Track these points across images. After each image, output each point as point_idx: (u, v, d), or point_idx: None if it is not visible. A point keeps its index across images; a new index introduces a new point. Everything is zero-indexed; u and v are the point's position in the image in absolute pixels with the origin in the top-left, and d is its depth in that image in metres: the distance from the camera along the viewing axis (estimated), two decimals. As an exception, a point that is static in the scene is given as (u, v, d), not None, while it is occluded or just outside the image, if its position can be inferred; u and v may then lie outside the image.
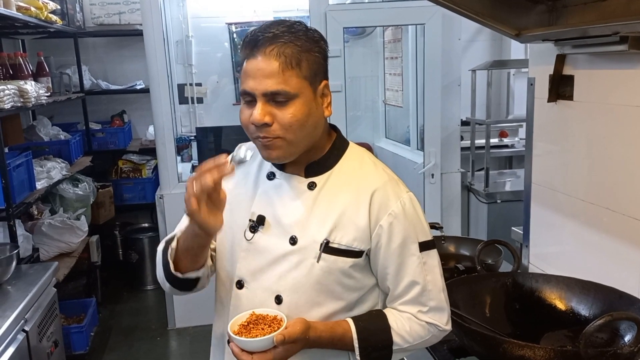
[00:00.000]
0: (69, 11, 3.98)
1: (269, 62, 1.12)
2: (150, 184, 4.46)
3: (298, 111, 1.15)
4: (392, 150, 4.35)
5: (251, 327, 1.15)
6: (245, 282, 1.26)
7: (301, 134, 1.17)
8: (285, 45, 1.13)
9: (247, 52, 1.16)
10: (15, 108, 2.81)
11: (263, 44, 1.13)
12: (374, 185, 1.22)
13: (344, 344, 1.20)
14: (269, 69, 1.12)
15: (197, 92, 4.42)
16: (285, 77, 1.13)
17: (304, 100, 1.16)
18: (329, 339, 1.19)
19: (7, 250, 2.46)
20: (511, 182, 3.99)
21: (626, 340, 1.32)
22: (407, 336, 1.23)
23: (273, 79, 1.12)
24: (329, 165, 1.25)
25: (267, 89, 1.13)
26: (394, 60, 4.17)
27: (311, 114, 1.18)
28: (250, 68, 1.14)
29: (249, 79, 1.14)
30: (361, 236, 1.21)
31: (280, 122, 1.15)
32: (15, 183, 2.76)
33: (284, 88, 1.13)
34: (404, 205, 1.21)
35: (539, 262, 1.98)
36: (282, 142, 1.17)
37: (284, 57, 1.12)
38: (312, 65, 1.17)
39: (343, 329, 1.20)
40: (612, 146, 1.57)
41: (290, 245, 1.21)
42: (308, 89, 1.17)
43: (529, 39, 1.72)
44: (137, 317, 4.03)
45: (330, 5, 3.51)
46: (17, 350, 2.06)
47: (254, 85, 1.13)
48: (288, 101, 1.14)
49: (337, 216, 1.21)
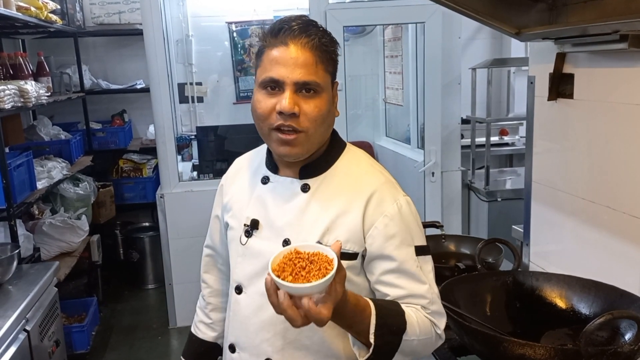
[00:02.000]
0: (69, 11, 3.98)
1: (304, 52, 1.12)
2: (151, 183, 4.47)
3: (323, 105, 1.15)
4: (393, 148, 4.35)
5: (297, 270, 0.97)
6: (243, 287, 1.26)
7: (320, 129, 1.17)
8: (317, 39, 1.13)
9: (276, 40, 1.14)
10: (16, 108, 2.81)
11: (299, 33, 1.12)
12: (371, 187, 1.20)
13: (362, 319, 1.09)
14: (303, 58, 1.11)
15: (198, 91, 4.42)
16: (317, 69, 1.13)
17: (327, 96, 1.17)
18: (353, 308, 1.07)
19: (8, 250, 2.46)
20: (512, 180, 3.99)
21: (627, 339, 1.32)
22: (416, 326, 1.15)
23: (306, 69, 1.12)
24: (324, 167, 1.23)
25: (300, 79, 1.11)
26: (394, 58, 4.17)
27: (330, 111, 1.18)
28: (281, 56, 1.12)
29: (279, 67, 1.12)
30: (354, 238, 1.18)
31: (305, 114, 1.13)
32: (16, 183, 2.77)
33: (316, 79, 1.13)
34: (400, 207, 1.19)
35: (540, 260, 1.98)
36: (304, 138, 1.15)
37: (318, 51, 1.13)
38: (334, 64, 1.19)
39: (365, 301, 1.11)
40: (612, 144, 1.57)
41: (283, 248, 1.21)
42: (330, 86, 1.18)
43: (529, 37, 1.72)
44: (138, 316, 4.04)
45: (330, 4, 3.51)
46: (18, 349, 2.06)
47: (285, 73, 1.11)
48: (315, 94, 1.14)
49: (331, 218, 1.18)
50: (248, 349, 1.26)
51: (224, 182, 1.41)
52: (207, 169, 3.86)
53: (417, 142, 4.04)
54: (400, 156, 4.15)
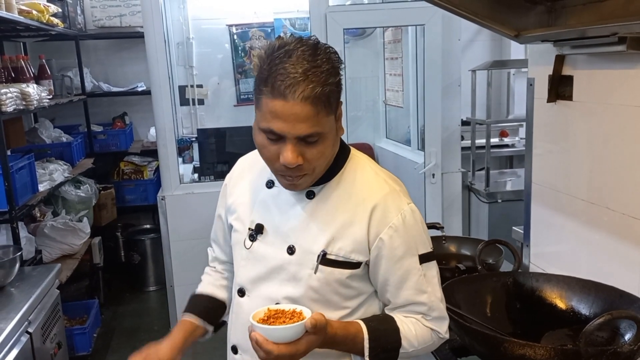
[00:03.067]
0: (70, 14, 3.99)
1: (303, 107, 1.06)
2: (152, 185, 4.47)
3: (326, 148, 1.14)
4: (393, 150, 4.36)
5: (272, 320, 1.11)
6: (246, 290, 1.27)
7: (325, 164, 1.18)
8: (316, 86, 1.06)
9: (273, 90, 1.07)
10: (18, 111, 2.82)
11: (295, 87, 1.05)
12: (375, 197, 1.20)
13: (355, 343, 1.18)
14: (303, 114, 1.06)
15: (198, 93, 4.43)
16: (318, 119, 1.09)
17: (330, 135, 1.15)
18: (343, 337, 1.17)
19: (11, 253, 2.47)
20: (512, 181, 3.99)
21: (626, 339, 1.33)
22: (413, 340, 1.22)
23: (307, 123, 1.08)
24: (329, 175, 1.23)
25: (302, 133, 1.08)
26: (394, 60, 4.18)
27: (334, 143, 1.18)
28: (280, 110, 1.07)
29: (278, 121, 1.08)
30: (360, 248, 1.20)
31: (308, 160, 1.13)
32: (18, 185, 2.77)
33: (317, 130, 1.10)
34: (404, 217, 1.20)
35: (540, 261, 1.98)
36: (309, 177, 1.16)
37: (317, 100, 1.07)
38: (336, 95, 1.13)
39: (355, 328, 1.19)
40: (612, 146, 1.58)
41: (287, 254, 1.21)
42: (332, 121, 1.15)
43: (528, 39, 1.73)
44: (140, 319, 4.04)
45: (330, 6, 3.51)
46: (21, 351, 2.07)
47: (287, 129, 1.08)
48: (318, 141, 1.12)
49: (336, 228, 1.19)
50: (250, 351, 1.26)
51: (227, 182, 1.40)
52: (208, 171, 3.87)
53: (417, 144, 4.04)
54: (400, 158, 4.15)
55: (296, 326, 1.07)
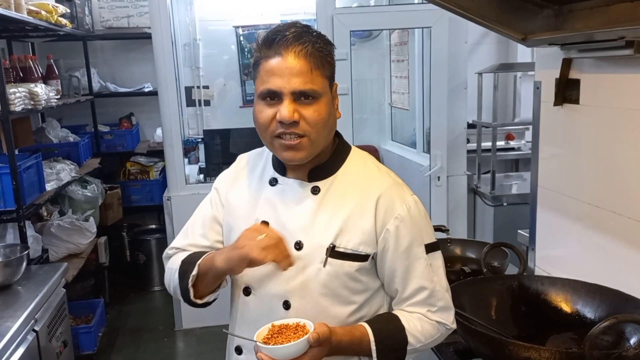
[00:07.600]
0: (78, 14, 4.02)
1: (298, 60, 1.13)
2: (158, 185, 4.49)
3: (322, 109, 1.17)
4: (398, 152, 4.36)
5: (276, 337, 1.13)
6: (252, 289, 1.27)
7: (323, 132, 1.19)
8: (311, 45, 1.14)
9: (269, 51, 1.15)
10: (26, 110, 2.84)
11: (291, 43, 1.13)
12: (379, 189, 1.22)
13: (362, 347, 1.20)
14: (298, 67, 1.13)
15: (205, 94, 4.45)
16: (313, 76, 1.14)
17: (326, 100, 1.18)
18: (349, 343, 1.18)
19: (18, 251, 2.48)
20: (517, 185, 3.99)
21: (632, 343, 1.33)
22: (419, 336, 1.23)
23: (302, 78, 1.13)
24: (332, 169, 1.26)
25: (297, 88, 1.13)
26: (401, 63, 4.18)
27: (330, 114, 1.20)
28: (276, 66, 1.14)
29: (275, 77, 1.14)
30: (367, 240, 1.21)
31: (306, 120, 1.15)
32: (26, 184, 2.79)
33: (312, 87, 1.14)
34: (409, 208, 1.22)
35: (545, 264, 1.98)
36: (307, 142, 1.17)
37: (312, 57, 1.14)
38: (331, 67, 1.20)
39: (360, 332, 1.20)
40: (618, 150, 1.58)
41: (295, 250, 1.22)
42: (328, 89, 1.20)
43: (535, 43, 1.73)
44: (145, 318, 4.06)
45: (337, 8, 3.52)
46: (27, 350, 2.08)
47: (282, 84, 1.13)
48: (314, 100, 1.15)
49: (343, 220, 1.21)
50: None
51: (218, 187, 1.38)
52: (213, 171, 3.89)
53: (423, 147, 4.05)
54: (406, 160, 4.15)
55: (299, 343, 1.08)
